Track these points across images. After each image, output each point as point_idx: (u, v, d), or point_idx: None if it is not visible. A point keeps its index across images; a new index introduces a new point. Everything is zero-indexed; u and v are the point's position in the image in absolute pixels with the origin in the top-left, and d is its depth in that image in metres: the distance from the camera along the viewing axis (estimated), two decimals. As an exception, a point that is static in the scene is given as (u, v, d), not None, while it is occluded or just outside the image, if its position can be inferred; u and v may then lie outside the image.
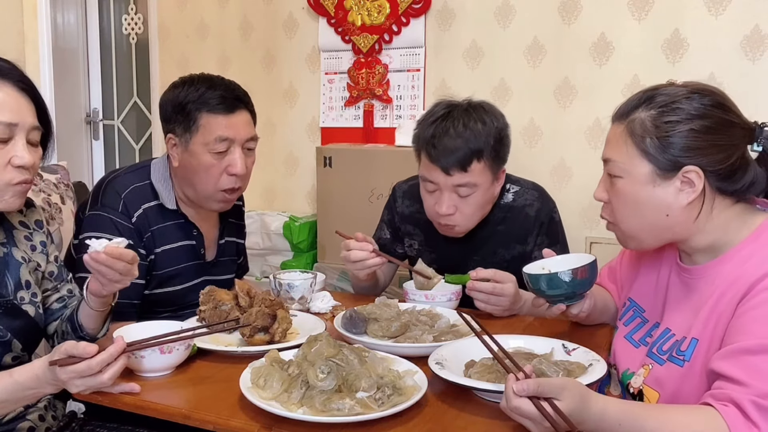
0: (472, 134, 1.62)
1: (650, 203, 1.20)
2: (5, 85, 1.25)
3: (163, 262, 1.68)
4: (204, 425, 1.09)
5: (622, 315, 1.41)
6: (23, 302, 1.36)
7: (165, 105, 1.66)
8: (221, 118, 1.60)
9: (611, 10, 2.60)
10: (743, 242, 1.19)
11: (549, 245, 1.77)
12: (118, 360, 1.15)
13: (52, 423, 1.41)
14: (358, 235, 1.67)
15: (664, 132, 1.17)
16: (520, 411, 0.98)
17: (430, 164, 1.65)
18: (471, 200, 1.67)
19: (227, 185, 1.64)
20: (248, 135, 1.65)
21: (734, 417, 1.01)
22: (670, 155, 1.17)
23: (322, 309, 1.67)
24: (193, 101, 1.60)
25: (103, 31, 4.07)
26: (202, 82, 1.64)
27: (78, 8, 4.01)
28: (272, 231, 3.07)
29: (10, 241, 1.38)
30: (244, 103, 1.66)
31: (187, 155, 1.63)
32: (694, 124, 1.16)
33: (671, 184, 1.18)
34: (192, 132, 1.61)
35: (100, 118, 4.13)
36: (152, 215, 1.66)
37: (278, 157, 3.35)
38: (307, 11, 3.17)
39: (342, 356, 1.13)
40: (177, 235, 1.70)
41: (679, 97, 1.18)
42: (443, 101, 1.73)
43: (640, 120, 1.20)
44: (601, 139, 2.64)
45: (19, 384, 1.18)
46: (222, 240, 1.83)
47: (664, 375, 1.21)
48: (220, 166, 1.62)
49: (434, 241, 1.85)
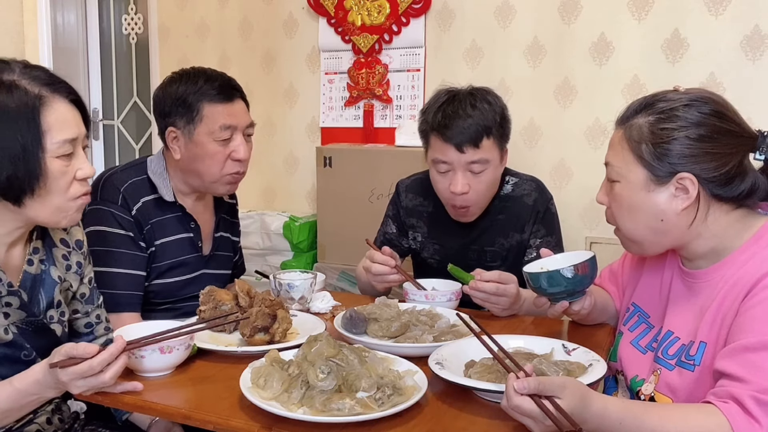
0: (480, 113, 1.71)
1: (645, 208, 1.22)
2: (61, 100, 1.23)
3: (163, 254, 1.71)
4: (204, 425, 1.09)
5: (627, 320, 1.41)
6: (52, 321, 1.34)
7: (163, 100, 1.69)
8: (222, 107, 1.67)
9: (611, 10, 2.60)
10: (744, 245, 1.19)
11: (544, 235, 1.80)
12: (118, 359, 1.15)
13: (59, 426, 1.41)
14: (385, 249, 1.74)
15: (660, 139, 1.18)
16: (521, 409, 0.98)
17: (444, 144, 1.72)
18: (483, 177, 1.74)
19: (232, 170, 1.71)
20: (248, 121, 1.74)
21: (735, 413, 1.02)
22: (664, 162, 1.18)
23: (322, 309, 1.67)
24: (194, 93, 1.66)
25: (103, 31, 4.06)
26: (199, 75, 1.69)
27: (78, 8, 4.01)
28: (272, 231, 3.07)
29: (49, 259, 1.36)
30: (239, 92, 1.74)
31: (192, 145, 1.68)
32: (690, 132, 1.16)
33: (665, 190, 1.19)
34: (195, 123, 1.66)
35: (100, 118, 4.13)
36: (151, 208, 1.69)
37: (278, 157, 3.35)
38: (307, 11, 3.17)
39: (342, 356, 1.13)
40: (176, 227, 1.74)
41: (677, 104, 1.19)
42: (443, 89, 1.81)
43: (638, 126, 1.21)
44: (601, 139, 2.65)
45: (20, 391, 1.17)
46: (217, 233, 1.87)
47: (676, 381, 1.21)
48: (225, 152, 1.69)
49: (437, 232, 1.91)
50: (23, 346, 1.29)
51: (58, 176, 1.22)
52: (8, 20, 3.71)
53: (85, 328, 1.47)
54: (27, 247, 1.33)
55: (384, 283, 1.73)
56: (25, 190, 1.19)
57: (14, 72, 1.21)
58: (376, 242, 1.97)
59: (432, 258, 1.91)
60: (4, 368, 1.24)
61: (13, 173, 1.17)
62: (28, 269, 1.32)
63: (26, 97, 1.19)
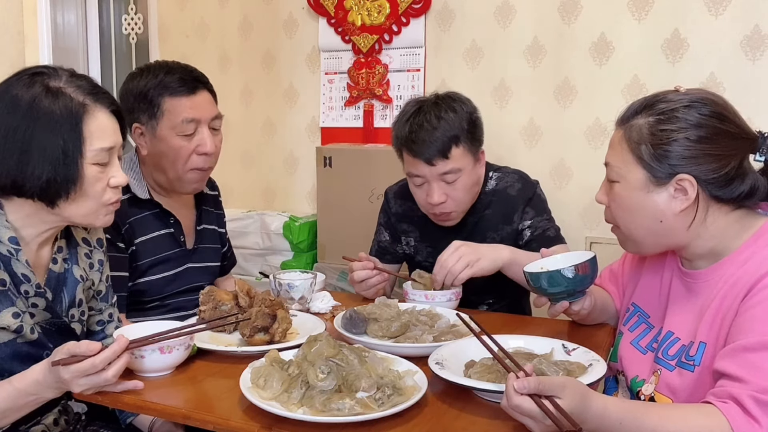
0: (445, 123, 1.70)
1: (644, 209, 1.22)
2: (102, 110, 1.27)
3: (144, 252, 1.69)
4: (204, 425, 1.10)
5: (627, 320, 1.41)
6: (73, 320, 1.36)
7: (126, 96, 1.68)
8: (184, 99, 1.64)
9: (611, 10, 2.59)
10: (743, 245, 1.19)
11: (534, 216, 1.80)
12: (121, 357, 1.15)
13: (65, 427, 1.41)
14: (361, 255, 1.76)
15: (659, 140, 1.18)
16: (521, 409, 0.98)
17: (413, 159, 1.72)
18: (458, 185, 1.73)
19: (198, 165, 1.68)
20: (212, 114, 1.69)
21: (734, 413, 1.01)
22: (664, 164, 1.18)
23: (322, 309, 1.67)
24: (154, 87, 1.63)
25: (102, 31, 4.06)
26: (159, 68, 1.67)
27: (78, 8, 4.00)
28: (272, 231, 3.07)
29: (72, 258, 1.38)
30: (203, 83, 1.70)
31: (156, 141, 1.66)
32: (689, 133, 1.16)
33: (664, 191, 1.19)
34: (157, 118, 1.64)
35: (100, 118, 4.13)
36: (127, 208, 1.67)
37: (278, 157, 3.35)
38: (307, 11, 3.17)
39: (342, 356, 1.13)
40: (155, 224, 1.72)
41: (678, 105, 1.19)
42: (412, 99, 1.81)
43: (637, 126, 1.21)
44: (601, 139, 2.65)
45: (19, 391, 1.18)
46: (200, 226, 1.85)
47: (676, 382, 1.21)
48: (189, 147, 1.66)
49: (428, 234, 1.91)
50: (46, 345, 1.30)
51: (93, 182, 1.25)
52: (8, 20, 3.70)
53: (98, 326, 1.48)
54: (53, 247, 1.35)
55: (370, 288, 1.75)
56: (60, 194, 1.23)
57: (61, 79, 1.25)
58: (371, 251, 1.99)
59: (426, 261, 1.91)
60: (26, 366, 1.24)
61: (53, 176, 1.21)
62: (53, 268, 1.34)
63: (71, 104, 1.22)
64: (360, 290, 1.78)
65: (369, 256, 1.78)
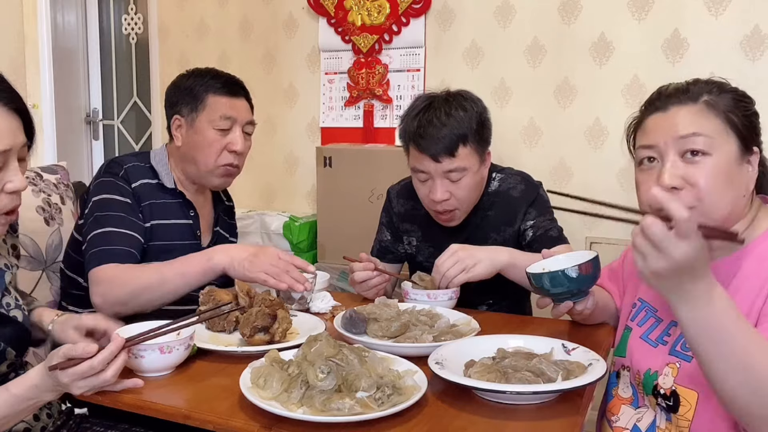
0: (455, 121, 1.69)
1: (737, 182, 1.16)
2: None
3: (157, 235, 1.73)
4: (204, 425, 1.09)
5: (634, 316, 1.40)
6: (10, 308, 1.33)
7: (173, 91, 1.80)
8: (225, 99, 1.75)
9: (611, 10, 2.60)
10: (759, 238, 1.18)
11: (536, 216, 1.80)
12: (119, 356, 1.14)
13: (47, 421, 1.40)
14: (362, 256, 1.77)
15: (745, 111, 1.18)
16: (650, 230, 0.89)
17: (420, 154, 1.71)
18: (462, 184, 1.73)
19: (227, 161, 1.77)
20: (248, 118, 1.80)
21: None
22: (751, 133, 1.17)
23: (322, 309, 1.67)
24: (200, 85, 1.76)
25: (102, 31, 4.07)
26: (208, 72, 1.81)
27: (78, 8, 4.01)
28: (272, 231, 3.07)
29: None
30: (244, 92, 1.82)
31: (192, 132, 1.75)
32: (755, 109, 1.19)
33: (748, 164, 1.18)
34: (198, 111, 1.74)
35: (99, 118, 4.14)
36: (150, 190, 1.74)
37: (278, 157, 3.35)
38: (307, 11, 3.17)
39: (342, 356, 1.13)
40: (174, 212, 1.77)
41: (725, 85, 1.21)
42: (423, 95, 1.80)
43: (723, 97, 1.19)
44: (601, 139, 2.65)
45: (17, 397, 1.15)
46: (216, 228, 1.91)
47: (697, 372, 1.19)
48: (222, 142, 1.75)
49: (431, 234, 1.91)
50: None
51: None
52: (8, 20, 3.70)
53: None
54: None
55: (371, 289, 1.75)
56: None
57: None
58: (373, 251, 1.99)
59: (428, 261, 1.90)
60: None
61: None
62: None
63: None
64: (360, 291, 1.78)
65: (370, 257, 1.78)
